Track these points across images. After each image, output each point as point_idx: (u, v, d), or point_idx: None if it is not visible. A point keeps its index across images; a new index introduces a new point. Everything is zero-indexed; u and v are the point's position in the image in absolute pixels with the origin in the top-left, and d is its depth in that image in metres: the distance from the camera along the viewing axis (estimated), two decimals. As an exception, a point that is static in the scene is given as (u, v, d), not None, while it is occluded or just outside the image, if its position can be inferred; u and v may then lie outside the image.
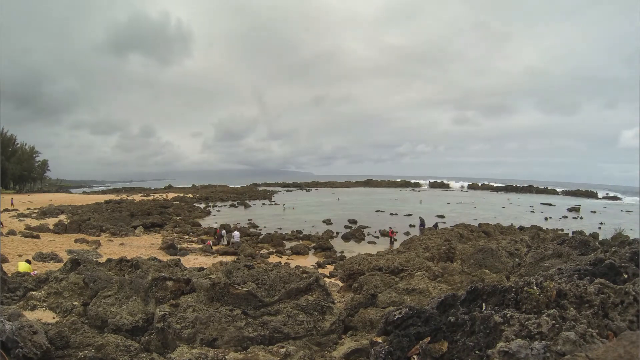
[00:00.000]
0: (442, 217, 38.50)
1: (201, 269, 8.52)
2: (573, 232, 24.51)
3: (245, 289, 4.95)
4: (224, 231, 24.83)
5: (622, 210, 51.88)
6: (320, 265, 18.06)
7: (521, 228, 27.14)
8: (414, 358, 2.89)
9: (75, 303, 6.17)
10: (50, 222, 26.52)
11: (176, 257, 14.18)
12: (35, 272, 10.25)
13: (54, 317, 5.79)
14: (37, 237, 19.48)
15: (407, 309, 3.42)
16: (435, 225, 27.83)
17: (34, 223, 25.52)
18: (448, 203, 57.75)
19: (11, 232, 19.79)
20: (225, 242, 23.05)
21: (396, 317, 3.40)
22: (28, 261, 11.85)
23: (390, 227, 26.93)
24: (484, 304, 3.25)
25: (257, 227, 31.55)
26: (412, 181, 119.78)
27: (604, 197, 78.70)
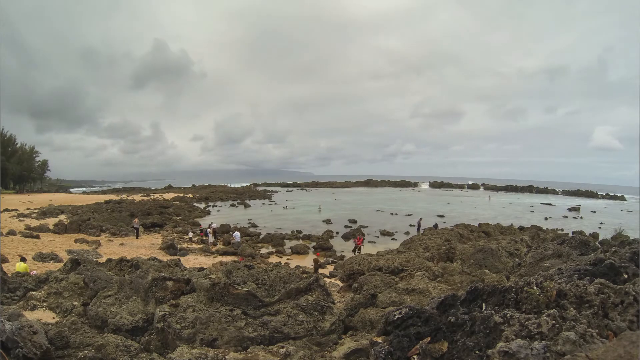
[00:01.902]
0: (442, 217, 38.52)
1: (201, 269, 8.52)
2: (573, 232, 24.50)
3: (245, 289, 4.95)
4: (237, 233, 23.93)
5: (622, 210, 51.96)
6: (320, 265, 18.04)
7: (521, 228, 27.12)
8: (414, 358, 2.89)
9: (75, 303, 6.17)
10: (50, 222, 26.50)
11: (176, 257, 14.19)
12: (35, 272, 10.23)
13: (54, 317, 5.80)
14: (37, 237, 19.46)
15: (407, 309, 3.42)
16: (435, 225, 27.80)
17: (34, 223, 25.50)
18: (448, 203, 57.77)
19: (11, 232, 19.77)
20: (211, 240, 22.88)
21: (396, 317, 3.40)
22: (23, 259, 11.56)
23: (358, 235, 23.19)
24: (484, 304, 3.25)
25: (257, 226, 31.57)
26: (412, 181, 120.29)
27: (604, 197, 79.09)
